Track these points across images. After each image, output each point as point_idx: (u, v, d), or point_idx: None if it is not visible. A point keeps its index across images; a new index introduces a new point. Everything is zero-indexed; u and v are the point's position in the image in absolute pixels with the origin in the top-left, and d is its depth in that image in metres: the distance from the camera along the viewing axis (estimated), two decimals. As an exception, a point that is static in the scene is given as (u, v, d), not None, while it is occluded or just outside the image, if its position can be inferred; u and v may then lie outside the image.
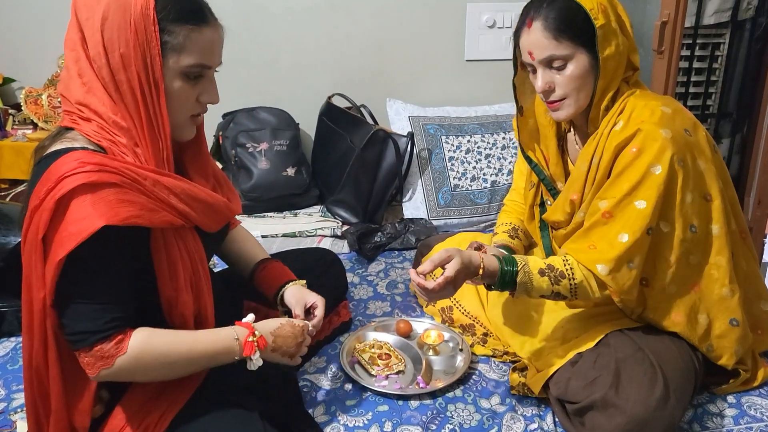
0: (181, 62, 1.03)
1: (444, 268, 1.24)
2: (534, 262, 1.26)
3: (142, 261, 1.05)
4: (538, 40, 1.25)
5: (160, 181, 1.03)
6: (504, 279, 1.25)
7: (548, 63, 1.26)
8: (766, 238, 2.21)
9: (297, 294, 1.32)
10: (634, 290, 1.26)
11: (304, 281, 1.36)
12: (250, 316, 1.16)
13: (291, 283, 1.34)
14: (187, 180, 1.09)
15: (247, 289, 1.40)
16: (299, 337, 1.18)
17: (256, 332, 1.12)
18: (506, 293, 1.41)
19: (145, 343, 1.03)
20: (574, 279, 1.25)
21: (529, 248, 1.60)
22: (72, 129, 1.04)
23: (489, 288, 1.31)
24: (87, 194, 0.95)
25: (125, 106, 1.02)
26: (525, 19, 1.27)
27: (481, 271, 1.25)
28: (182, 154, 1.15)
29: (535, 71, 1.29)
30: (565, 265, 1.26)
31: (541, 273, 1.25)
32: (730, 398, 1.37)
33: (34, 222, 0.97)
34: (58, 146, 1.02)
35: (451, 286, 1.24)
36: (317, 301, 1.31)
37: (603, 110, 1.29)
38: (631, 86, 1.31)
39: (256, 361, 1.11)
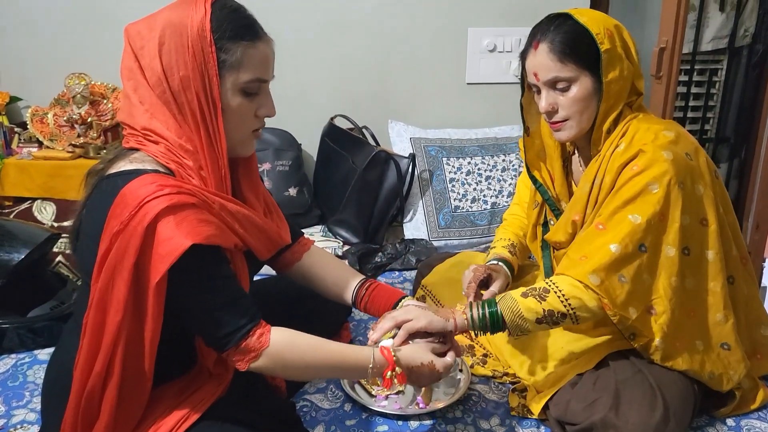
0: (240, 78, 1.05)
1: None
2: (514, 292, 1.26)
3: None
4: (543, 62, 1.28)
5: (225, 206, 1.05)
6: (483, 321, 1.26)
7: (552, 84, 1.29)
8: (764, 261, 2.22)
9: (420, 304, 1.32)
10: (631, 309, 1.24)
11: (414, 297, 1.38)
12: (388, 341, 1.19)
13: (407, 298, 1.34)
14: (245, 206, 1.12)
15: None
16: (434, 379, 1.21)
17: (398, 369, 1.15)
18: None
19: (287, 340, 1.08)
20: (561, 291, 1.23)
21: (521, 270, 1.61)
22: (137, 150, 1.06)
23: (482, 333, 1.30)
24: (170, 216, 0.97)
25: (188, 127, 1.04)
26: (532, 41, 1.30)
27: (453, 322, 1.25)
28: (235, 172, 1.16)
29: (539, 92, 1.31)
30: (547, 284, 1.26)
31: (524, 295, 1.24)
32: (730, 421, 1.37)
33: (118, 247, 0.97)
34: (127, 166, 1.03)
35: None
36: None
37: (605, 133, 1.31)
38: (634, 110, 1.33)
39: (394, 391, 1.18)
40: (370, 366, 1.12)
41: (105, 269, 0.98)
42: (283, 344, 1.07)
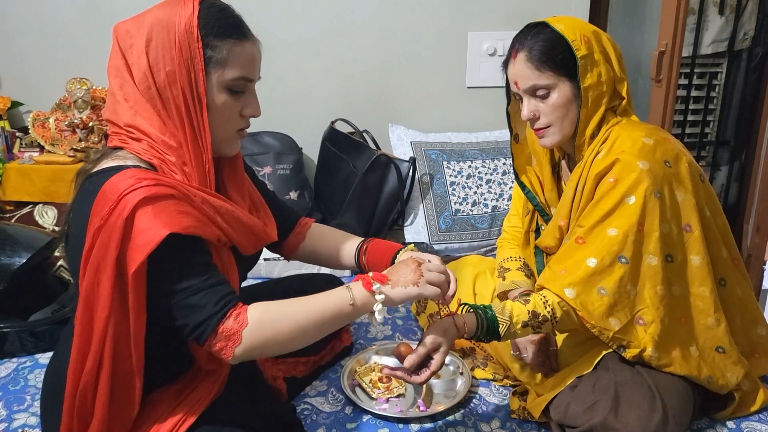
0: (226, 76, 1.06)
1: (431, 356, 1.20)
2: (518, 315, 1.24)
3: None
4: (522, 71, 1.30)
5: (207, 200, 1.05)
6: (482, 331, 1.22)
7: (532, 92, 1.31)
8: (765, 265, 2.22)
9: (414, 255, 1.29)
10: (612, 320, 1.26)
11: (412, 245, 1.35)
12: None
13: (403, 250, 1.33)
14: (229, 201, 1.12)
15: None
16: (411, 264, 1.15)
17: (370, 273, 1.12)
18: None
19: (263, 310, 1.05)
20: (555, 319, 1.25)
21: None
22: (121, 148, 1.07)
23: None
24: (148, 206, 0.97)
25: (173, 123, 1.05)
26: (511, 51, 1.34)
27: (465, 335, 1.23)
28: (220, 171, 1.17)
29: (522, 99, 1.33)
30: (546, 309, 1.25)
31: (524, 325, 1.24)
32: (730, 423, 1.37)
33: (100, 243, 0.97)
34: (109, 164, 1.04)
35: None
36: (432, 257, 1.27)
37: (588, 138, 1.33)
38: (618, 115, 1.34)
39: (378, 297, 1.09)
40: (347, 287, 1.10)
41: (89, 266, 0.99)
42: (261, 316, 1.04)
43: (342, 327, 1.64)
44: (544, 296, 1.27)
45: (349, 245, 1.40)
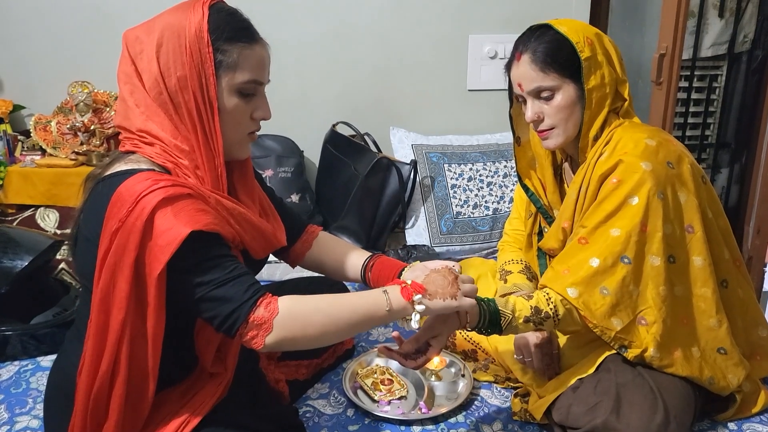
0: (236, 79, 1.07)
1: (430, 343, 1.21)
2: (520, 310, 1.24)
3: None
4: (526, 73, 1.31)
5: (221, 202, 1.06)
6: (484, 322, 1.22)
7: (536, 94, 1.32)
8: (765, 267, 2.22)
9: (419, 266, 1.29)
10: (615, 320, 1.26)
11: (418, 263, 1.36)
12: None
13: (407, 268, 1.32)
14: (240, 204, 1.12)
15: None
16: (448, 276, 1.14)
17: (408, 280, 1.11)
18: None
19: (294, 301, 1.04)
20: (558, 316, 1.25)
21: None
22: (133, 153, 1.07)
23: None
24: (167, 207, 0.98)
25: (185, 127, 1.05)
26: (515, 53, 1.34)
27: (467, 326, 1.22)
28: (230, 176, 1.18)
29: (526, 102, 1.34)
30: (548, 305, 1.25)
31: (526, 320, 1.24)
32: (732, 425, 1.37)
33: (117, 245, 0.98)
34: (122, 167, 1.04)
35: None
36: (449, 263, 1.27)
37: (592, 140, 1.33)
38: (620, 117, 1.35)
39: (418, 308, 1.09)
40: (384, 291, 1.09)
41: (105, 269, 0.99)
42: (292, 306, 1.03)
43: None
44: (548, 293, 1.27)
45: (356, 260, 1.39)
